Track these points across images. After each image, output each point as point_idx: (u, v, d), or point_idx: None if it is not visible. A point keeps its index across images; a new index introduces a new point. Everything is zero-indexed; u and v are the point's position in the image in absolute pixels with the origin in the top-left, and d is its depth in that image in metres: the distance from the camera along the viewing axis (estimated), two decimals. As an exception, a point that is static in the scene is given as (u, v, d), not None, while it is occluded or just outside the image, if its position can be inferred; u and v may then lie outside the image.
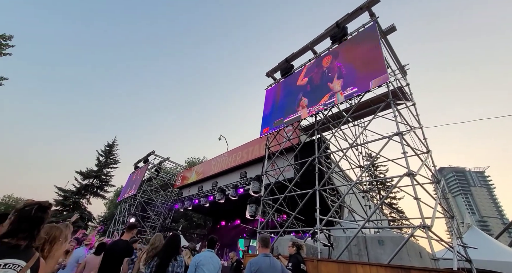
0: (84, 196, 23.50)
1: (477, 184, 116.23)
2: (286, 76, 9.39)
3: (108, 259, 3.15)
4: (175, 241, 2.96)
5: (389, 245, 4.31)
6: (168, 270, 2.69)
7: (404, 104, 6.07)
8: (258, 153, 10.79)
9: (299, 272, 4.03)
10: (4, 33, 15.71)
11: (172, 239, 2.96)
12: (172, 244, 2.90)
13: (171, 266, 2.72)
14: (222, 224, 17.03)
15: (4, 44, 15.67)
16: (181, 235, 16.16)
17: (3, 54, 15.81)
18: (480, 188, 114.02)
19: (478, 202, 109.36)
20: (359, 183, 6.34)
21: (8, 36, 15.71)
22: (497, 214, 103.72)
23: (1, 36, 15.50)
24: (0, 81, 15.84)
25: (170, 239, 2.96)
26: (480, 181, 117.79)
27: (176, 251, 2.86)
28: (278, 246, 6.15)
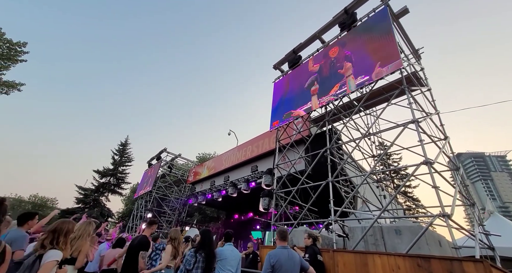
0: (102, 193, 24.60)
1: (498, 168, 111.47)
2: (294, 67, 9.21)
3: (128, 253, 3.38)
4: (210, 237, 3.14)
5: (407, 235, 4.26)
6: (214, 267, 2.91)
7: (419, 90, 5.82)
8: (268, 146, 10.79)
9: (316, 262, 4.08)
10: (19, 40, 16.23)
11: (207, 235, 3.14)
12: (209, 240, 3.08)
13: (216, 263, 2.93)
14: (235, 217, 17.37)
15: (20, 51, 16.24)
16: (196, 228, 16.68)
17: (20, 61, 16.41)
18: (501, 173, 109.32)
19: (499, 187, 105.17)
20: (373, 173, 6.23)
21: (22, 43, 16.24)
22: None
23: (16, 44, 16.04)
24: (18, 86, 16.53)
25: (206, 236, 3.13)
26: (501, 165, 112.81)
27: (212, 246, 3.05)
28: (293, 237, 6.22)
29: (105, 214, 23.34)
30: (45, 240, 2.06)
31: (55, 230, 2.13)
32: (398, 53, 5.37)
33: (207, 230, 3.35)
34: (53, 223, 2.25)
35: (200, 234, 3.22)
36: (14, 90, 16.39)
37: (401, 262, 3.55)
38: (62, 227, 2.16)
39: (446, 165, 5.30)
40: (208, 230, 3.31)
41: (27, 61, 16.87)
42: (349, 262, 4.25)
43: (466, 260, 3.01)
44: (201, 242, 3.07)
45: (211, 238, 3.12)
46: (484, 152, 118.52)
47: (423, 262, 3.32)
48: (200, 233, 3.26)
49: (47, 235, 2.10)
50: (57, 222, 2.24)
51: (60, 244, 2.08)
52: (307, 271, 3.01)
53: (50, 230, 2.15)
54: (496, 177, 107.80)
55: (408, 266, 3.45)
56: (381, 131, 5.76)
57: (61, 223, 2.21)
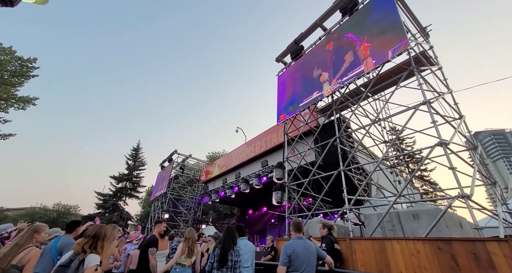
0: (120, 198, 25.46)
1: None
2: (297, 58, 9.06)
3: (141, 252, 3.61)
4: (230, 232, 3.20)
5: (425, 219, 4.16)
6: (228, 259, 2.93)
7: (429, 70, 5.58)
8: (277, 140, 10.76)
9: (334, 251, 4.08)
10: (29, 56, 16.87)
11: (227, 231, 3.21)
12: (227, 235, 3.14)
13: (230, 255, 2.95)
14: (250, 212, 17.55)
15: (31, 67, 16.89)
16: (212, 225, 17.00)
17: (32, 77, 17.10)
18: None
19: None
20: (386, 159, 6.09)
21: (33, 59, 16.88)
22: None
23: (27, 60, 16.68)
24: (33, 101, 17.25)
25: (226, 231, 3.21)
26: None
27: (232, 242, 3.09)
28: (308, 228, 6.22)
29: (124, 217, 24.19)
30: (85, 245, 2.18)
31: (95, 235, 2.25)
32: (404, 33, 5.15)
33: (230, 226, 3.46)
34: (91, 228, 2.36)
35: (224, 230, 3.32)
36: (29, 104, 17.13)
37: (421, 246, 3.48)
38: (100, 232, 2.27)
39: (463, 145, 5.11)
40: (230, 226, 3.43)
41: (38, 76, 17.54)
42: (367, 249, 4.22)
43: (489, 240, 2.91)
44: (222, 237, 3.17)
45: (231, 233, 3.20)
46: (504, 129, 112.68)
47: (443, 244, 3.24)
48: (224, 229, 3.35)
49: (87, 240, 2.22)
50: (95, 227, 2.35)
51: (98, 248, 2.20)
52: (324, 260, 3.02)
53: (90, 235, 2.27)
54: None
55: (429, 250, 3.38)
56: (391, 116, 5.60)
57: (100, 228, 2.32)
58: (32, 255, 2.43)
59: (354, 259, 4.33)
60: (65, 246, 2.86)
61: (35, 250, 2.51)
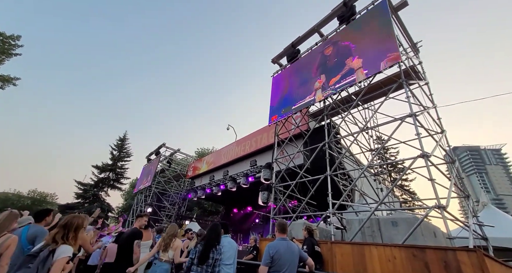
0: (102, 188, 24.67)
1: (493, 162, 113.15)
2: (293, 61, 9.15)
3: (120, 246, 3.49)
4: (215, 229, 3.15)
5: (403, 226, 4.37)
6: (210, 256, 2.89)
7: (417, 84, 5.83)
8: (267, 141, 10.82)
9: (314, 253, 4.19)
10: (13, 33, 15.85)
11: (212, 228, 3.16)
12: (213, 232, 3.09)
13: (212, 253, 2.91)
14: (235, 211, 17.57)
15: (14, 45, 15.87)
16: (196, 222, 16.88)
17: (14, 55, 16.07)
18: (496, 166, 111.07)
19: (494, 180, 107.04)
20: (371, 166, 6.30)
21: (16, 37, 15.86)
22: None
23: (10, 37, 15.67)
24: (14, 81, 16.26)
25: (211, 228, 3.16)
26: (496, 159, 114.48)
27: (216, 239, 3.05)
28: (292, 230, 6.34)
29: (105, 208, 23.46)
30: (56, 235, 2.07)
31: (66, 225, 2.14)
32: (397, 46, 5.35)
33: (215, 223, 3.39)
34: (64, 218, 2.25)
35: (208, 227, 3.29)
36: (9, 84, 16.13)
37: (397, 252, 3.65)
38: (72, 222, 2.17)
39: (442, 158, 5.39)
40: (215, 223, 3.38)
41: (21, 55, 16.54)
42: (347, 253, 4.36)
43: (460, 249, 3.10)
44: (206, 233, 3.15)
45: (217, 230, 3.16)
46: (479, 146, 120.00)
47: (418, 252, 3.42)
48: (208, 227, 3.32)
49: (58, 229, 2.11)
50: (68, 217, 2.24)
51: (69, 239, 2.10)
52: (306, 262, 3.10)
53: (61, 225, 2.15)
54: (491, 170, 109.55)
55: (404, 256, 3.55)
56: (379, 125, 5.80)
57: (71, 218, 2.21)
58: (11, 241, 2.32)
59: (334, 262, 4.46)
60: (38, 235, 2.73)
61: (13, 237, 2.39)
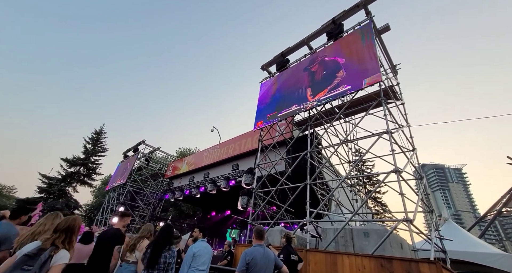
0: (70, 183, 22.95)
1: (455, 180, 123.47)
2: (282, 70, 9.39)
3: (98, 247, 3.17)
4: (167, 231, 2.97)
5: (374, 237, 4.60)
6: (160, 261, 2.72)
7: (394, 103, 6.28)
8: (251, 145, 10.87)
9: (289, 262, 4.26)
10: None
11: (164, 229, 2.98)
12: (164, 234, 2.92)
13: (163, 257, 2.75)
14: (213, 214, 17.26)
15: None
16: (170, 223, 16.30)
17: None
18: (457, 184, 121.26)
19: (454, 197, 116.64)
20: (348, 178, 6.59)
21: None
22: (470, 208, 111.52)
23: None
24: None
25: (162, 230, 2.99)
26: (457, 177, 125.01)
27: (168, 241, 2.89)
28: (269, 236, 6.38)
29: (71, 205, 21.80)
30: (57, 239, 1.95)
31: (68, 229, 2.02)
32: (378, 66, 5.74)
33: (167, 223, 3.24)
34: (63, 220, 2.10)
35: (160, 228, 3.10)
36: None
37: (367, 262, 3.84)
38: (74, 226, 2.07)
39: (411, 174, 5.80)
40: (167, 224, 3.22)
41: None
42: (320, 261, 4.49)
43: (422, 261, 3.35)
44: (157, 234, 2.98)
45: (167, 230, 2.98)
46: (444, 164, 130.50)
47: (386, 262, 3.63)
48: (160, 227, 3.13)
49: (59, 234, 1.99)
50: (68, 219, 2.11)
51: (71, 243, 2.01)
52: (281, 270, 3.15)
53: (63, 229, 2.03)
54: (453, 188, 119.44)
55: (373, 266, 3.74)
56: (358, 139, 6.12)
57: (73, 221, 2.09)
58: None
59: (307, 270, 4.57)
60: (7, 237, 2.46)
61: None
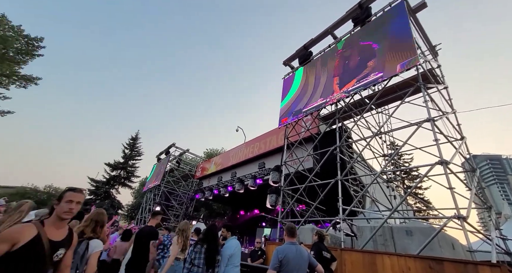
0: (113, 186, 25.28)
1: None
2: (305, 63, 9.08)
3: (136, 243, 3.42)
4: (215, 231, 3.20)
5: (418, 236, 4.16)
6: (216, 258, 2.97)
7: (435, 88, 5.61)
8: (276, 143, 10.74)
9: (322, 260, 4.06)
10: (36, 35, 16.70)
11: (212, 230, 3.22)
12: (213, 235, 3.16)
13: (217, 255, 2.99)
14: (242, 213, 17.49)
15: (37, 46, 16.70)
16: (203, 222, 16.92)
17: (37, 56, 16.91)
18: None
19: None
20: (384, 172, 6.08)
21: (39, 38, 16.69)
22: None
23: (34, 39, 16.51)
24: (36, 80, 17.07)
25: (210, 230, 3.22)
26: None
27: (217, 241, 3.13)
28: (299, 235, 6.21)
29: (115, 206, 24.03)
30: (86, 228, 2.15)
31: (98, 220, 2.23)
32: (415, 49, 5.18)
33: (213, 224, 3.43)
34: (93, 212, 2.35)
35: (206, 228, 3.33)
36: (31, 84, 16.97)
37: (412, 263, 3.47)
38: (102, 217, 2.29)
39: (460, 166, 5.12)
40: (214, 225, 3.41)
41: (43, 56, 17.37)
42: (357, 261, 4.21)
43: (482, 264, 2.90)
44: (203, 236, 3.18)
45: (215, 232, 3.19)
46: (501, 155, 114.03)
47: (435, 264, 3.23)
48: (206, 228, 3.35)
49: (89, 223, 2.19)
50: (97, 211, 2.35)
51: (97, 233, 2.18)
52: (316, 268, 3.00)
53: (92, 218, 2.24)
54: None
55: (420, 268, 3.37)
56: (394, 130, 5.61)
57: (102, 214, 2.33)
58: None
59: (343, 270, 4.31)
60: None
61: None
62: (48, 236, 1.40)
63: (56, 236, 1.46)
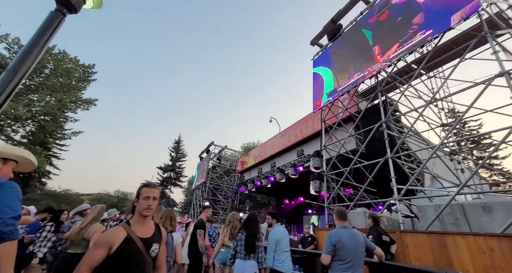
0: (166, 186, 28.12)
1: None
2: (334, 39, 8.39)
3: (192, 233, 3.92)
4: (255, 219, 3.34)
5: (499, 212, 3.53)
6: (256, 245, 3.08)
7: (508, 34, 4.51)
8: (313, 128, 10.34)
9: (382, 243, 3.78)
10: (90, 63, 19.40)
11: (252, 218, 3.35)
12: (255, 222, 3.29)
13: (257, 241, 3.09)
14: (286, 202, 17.58)
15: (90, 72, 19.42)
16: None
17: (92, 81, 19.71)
18: None
19: None
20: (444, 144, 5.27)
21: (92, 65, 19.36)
22: None
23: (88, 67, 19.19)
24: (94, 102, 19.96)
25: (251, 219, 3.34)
26: None
27: (258, 228, 3.23)
28: (350, 220, 5.92)
29: (171, 204, 26.77)
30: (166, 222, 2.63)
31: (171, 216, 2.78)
32: (473, -9, 4.25)
33: (252, 213, 3.58)
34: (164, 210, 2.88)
35: (246, 217, 3.47)
36: (92, 105, 19.86)
37: (496, 243, 2.97)
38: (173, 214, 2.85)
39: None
40: (253, 213, 3.58)
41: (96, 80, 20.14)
42: (422, 243, 3.81)
43: None
44: (243, 224, 3.34)
45: (254, 220, 3.31)
46: None
47: (529, 243, 2.70)
48: (247, 216, 3.49)
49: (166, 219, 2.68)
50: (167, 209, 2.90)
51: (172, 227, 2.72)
52: (374, 252, 2.82)
53: (167, 215, 2.76)
54: None
55: (506, 248, 2.86)
56: (453, 94, 4.77)
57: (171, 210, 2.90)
58: (96, 229, 2.79)
59: (406, 253, 3.96)
60: None
61: (99, 226, 2.88)
62: (138, 234, 1.45)
63: (145, 233, 1.50)
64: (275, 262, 3.14)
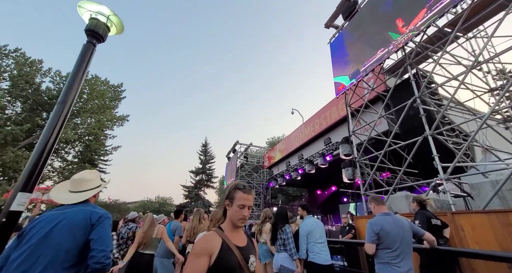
0: (200, 189, 29.49)
1: None
2: (351, 17, 7.84)
3: None
4: (281, 213, 3.47)
5: None
6: (278, 237, 3.23)
7: None
8: (337, 114, 9.88)
9: (432, 228, 3.47)
10: (119, 83, 21.15)
11: (279, 212, 3.50)
12: (279, 216, 3.43)
13: (280, 234, 3.22)
14: (318, 192, 17.21)
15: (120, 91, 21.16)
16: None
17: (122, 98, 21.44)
18: None
19: None
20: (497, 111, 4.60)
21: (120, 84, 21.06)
22: None
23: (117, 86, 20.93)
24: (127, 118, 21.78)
25: (277, 213, 3.52)
26: None
27: (282, 222, 3.34)
28: (391, 204, 5.56)
29: (206, 204, 28.02)
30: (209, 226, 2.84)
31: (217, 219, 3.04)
32: None
33: (280, 206, 3.77)
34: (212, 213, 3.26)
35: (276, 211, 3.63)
36: (125, 121, 21.62)
37: None
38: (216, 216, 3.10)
39: None
40: (280, 207, 3.75)
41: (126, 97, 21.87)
42: (480, 224, 3.41)
43: None
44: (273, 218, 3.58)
45: (279, 212, 3.45)
46: None
47: None
48: None
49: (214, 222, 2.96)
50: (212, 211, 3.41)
51: None
52: (423, 237, 2.61)
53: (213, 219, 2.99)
54: None
55: None
56: (500, 54, 4.14)
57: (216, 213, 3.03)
58: (163, 228, 3.64)
59: (462, 236, 3.59)
60: (176, 228, 4.00)
61: (162, 226, 3.71)
62: (233, 241, 1.22)
63: (240, 242, 1.26)
64: (310, 254, 3.15)
